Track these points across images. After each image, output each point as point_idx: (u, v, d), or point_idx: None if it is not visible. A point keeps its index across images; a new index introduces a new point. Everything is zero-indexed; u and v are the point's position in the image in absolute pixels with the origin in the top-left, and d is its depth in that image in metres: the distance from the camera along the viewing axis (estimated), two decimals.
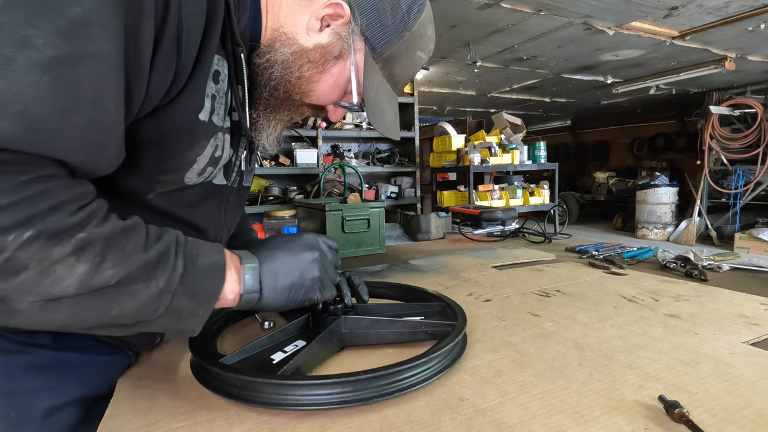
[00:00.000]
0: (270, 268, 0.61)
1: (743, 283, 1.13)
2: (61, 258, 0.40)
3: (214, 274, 0.53)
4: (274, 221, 1.61)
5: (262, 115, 0.67)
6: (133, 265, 0.45)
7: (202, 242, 0.55)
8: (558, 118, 10.39)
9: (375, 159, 4.46)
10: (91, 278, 0.42)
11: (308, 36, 0.63)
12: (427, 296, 0.91)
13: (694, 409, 0.54)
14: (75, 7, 0.39)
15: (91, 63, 0.41)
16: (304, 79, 0.64)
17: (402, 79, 0.71)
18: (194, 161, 0.59)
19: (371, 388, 0.56)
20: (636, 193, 6.94)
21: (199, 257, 0.52)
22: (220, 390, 0.58)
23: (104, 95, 0.42)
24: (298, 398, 0.55)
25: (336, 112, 0.74)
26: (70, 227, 0.41)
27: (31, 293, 0.40)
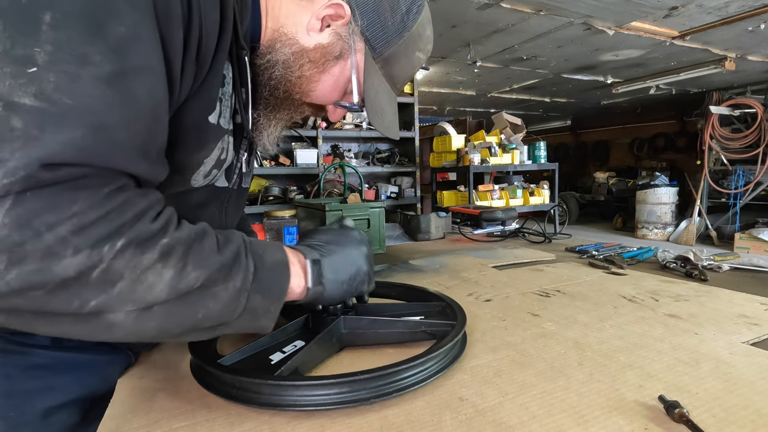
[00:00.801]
0: (331, 262, 0.63)
1: (743, 283, 1.13)
2: (150, 264, 0.42)
3: (280, 271, 0.55)
4: (274, 221, 1.61)
5: (262, 114, 0.67)
6: (213, 266, 0.47)
7: (263, 241, 0.58)
8: (558, 118, 10.38)
9: (375, 159, 4.46)
10: (178, 282, 0.44)
11: (309, 36, 0.63)
12: (427, 296, 0.91)
13: (694, 409, 0.54)
14: (119, 26, 0.40)
15: (142, 76, 0.42)
16: (305, 78, 0.65)
17: (401, 79, 0.72)
18: (201, 163, 0.60)
19: (369, 389, 0.56)
20: (636, 193, 6.93)
21: (265, 255, 0.54)
22: (219, 391, 0.58)
23: (158, 105, 0.45)
24: (296, 399, 0.55)
25: (336, 112, 0.74)
26: (154, 233, 0.43)
27: (129, 302, 0.41)
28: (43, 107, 0.36)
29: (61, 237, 0.37)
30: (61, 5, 0.38)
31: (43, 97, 0.36)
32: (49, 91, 0.37)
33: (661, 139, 9.32)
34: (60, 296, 0.38)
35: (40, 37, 0.37)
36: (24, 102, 0.36)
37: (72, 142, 0.37)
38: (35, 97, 0.36)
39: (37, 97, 0.36)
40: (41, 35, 0.37)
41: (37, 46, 0.37)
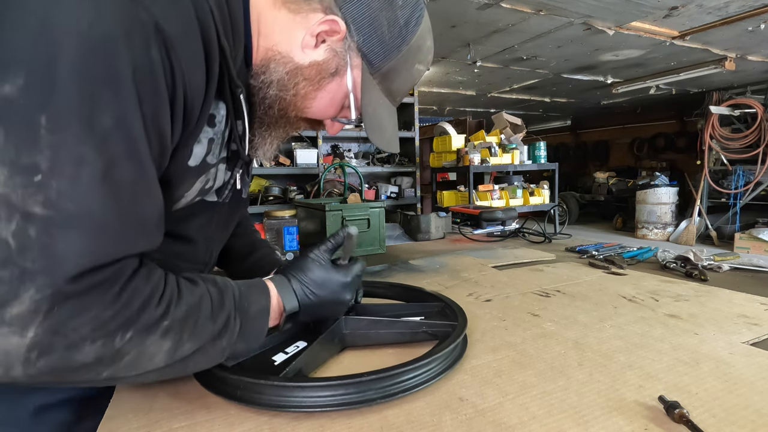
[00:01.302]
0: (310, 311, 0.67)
1: (743, 283, 1.13)
2: (152, 343, 0.47)
3: (261, 319, 0.59)
4: (274, 221, 1.61)
5: (257, 133, 0.67)
6: (206, 337, 0.52)
7: (251, 287, 0.61)
8: (558, 118, 10.38)
9: (375, 159, 4.46)
10: (174, 352, 0.49)
11: (303, 53, 0.62)
12: (426, 296, 0.91)
13: (694, 409, 0.54)
14: (106, 117, 0.42)
15: (132, 161, 0.45)
16: (300, 96, 0.64)
17: (401, 93, 0.70)
18: (182, 197, 0.61)
19: (374, 390, 0.57)
20: (636, 193, 6.93)
21: (250, 307, 0.58)
22: (222, 392, 0.58)
23: (149, 184, 0.48)
24: (301, 400, 0.55)
25: (334, 126, 0.73)
26: (157, 319, 0.47)
27: (133, 369, 0.47)
28: (52, 215, 0.40)
29: (82, 335, 0.42)
30: (54, 105, 0.40)
31: (50, 204, 0.40)
32: (54, 199, 0.40)
33: (661, 139, 9.32)
34: (78, 372, 0.44)
35: (40, 142, 0.39)
36: (35, 211, 0.40)
37: (83, 251, 0.42)
38: (43, 205, 0.40)
39: (45, 206, 0.40)
40: (40, 140, 0.39)
41: (38, 152, 0.39)
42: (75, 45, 0.40)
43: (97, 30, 0.41)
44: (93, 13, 0.41)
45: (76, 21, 0.41)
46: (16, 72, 0.39)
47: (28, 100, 0.39)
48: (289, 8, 0.60)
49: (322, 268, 0.68)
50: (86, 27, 0.41)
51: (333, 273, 0.68)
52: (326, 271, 0.67)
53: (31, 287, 0.40)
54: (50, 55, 0.40)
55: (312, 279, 0.66)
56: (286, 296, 0.64)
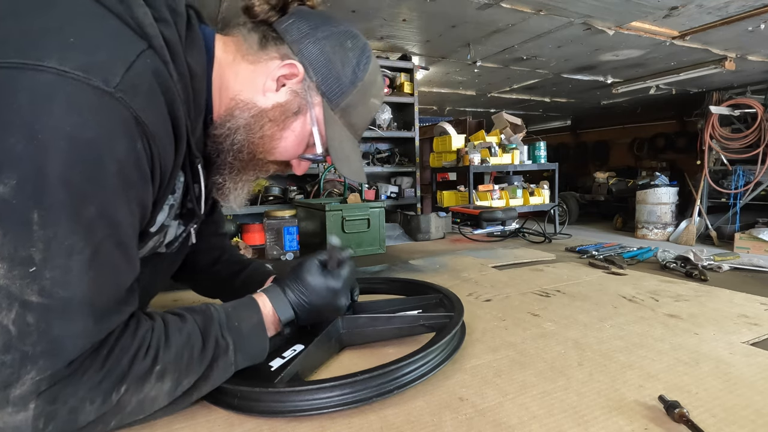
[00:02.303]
0: (307, 317, 0.70)
1: (743, 283, 1.13)
2: (150, 388, 0.51)
3: (258, 334, 0.63)
4: (274, 221, 1.61)
5: (228, 179, 0.70)
6: (201, 368, 0.55)
7: (238, 306, 0.64)
8: (558, 118, 10.37)
9: (375, 159, 4.46)
10: (175, 390, 0.53)
11: (266, 97, 0.66)
12: (423, 288, 0.91)
13: (694, 409, 0.54)
14: (90, 207, 0.46)
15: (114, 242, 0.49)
16: (267, 137, 0.67)
17: (361, 126, 0.74)
18: None
19: (371, 388, 0.56)
20: (636, 193, 6.93)
21: (242, 325, 0.61)
22: (220, 401, 0.58)
23: (129, 256, 0.52)
24: (297, 404, 0.55)
25: (301, 165, 0.76)
26: (148, 368, 0.51)
27: (140, 413, 0.52)
28: (47, 303, 0.44)
29: (80, 398, 0.46)
30: (44, 201, 0.44)
31: (45, 293, 0.44)
32: (49, 288, 0.44)
33: (661, 139, 9.31)
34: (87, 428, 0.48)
35: (33, 236, 0.44)
36: (32, 300, 0.44)
37: (79, 333, 0.46)
38: (39, 294, 0.44)
39: (40, 295, 0.44)
40: (33, 235, 0.44)
41: (32, 245, 0.44)
42: (62, 147, 0.44)
43: (82, 133, 0.46)
44: (78, 117, 0.46)
45: (63, 125, 0.45)
46: (8, 173, 0.43)
47: (21, 198, 0.43)
48: (249, 60, 0.66)
49: (314, 276, 0.70)
50: (72, 130, 0.45)
51: (324, 279, 0.71)
52: (318, 279, 0.70)
53: (32, 370, 0.44)
54: (40, 156, 0.44)
55: (305, 287, 0.69)
56: (280, 307, 0.67)
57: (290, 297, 0.68)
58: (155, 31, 0.54)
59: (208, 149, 0.68)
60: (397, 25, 3.88)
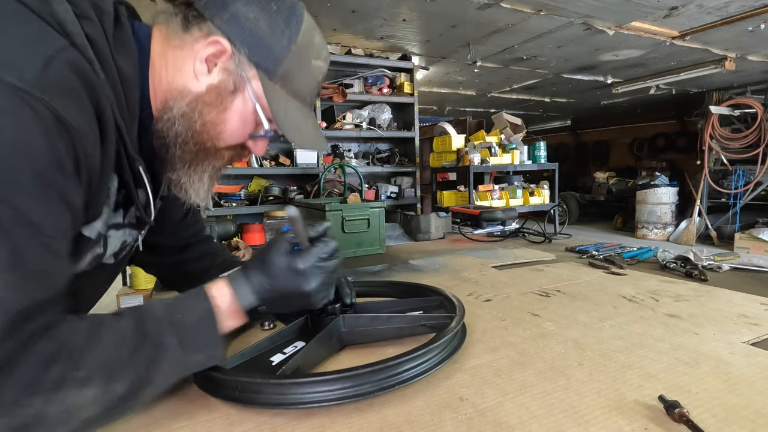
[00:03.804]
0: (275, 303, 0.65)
1: (743, 283, 1.13)
2: (73, 396, 0.47)
3: (206, 324, 0.58)
4: (274, 221, 1.61)
5: (182, 173, 0.67)
6: (136, 370, 0.51)
7: (184, 296, 0.60)
8: (558, 118, 10.37)
9: (375, 159, 4.46)
10: (104, 395, 0.49)
11: (198, 81, 0.63)
12: (424, 291, 0.92)
13: (694, 409, 0.54)
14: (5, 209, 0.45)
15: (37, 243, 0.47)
16: (209, 123, 0.64)
17: (307, 91, 0.70)
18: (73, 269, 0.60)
19: (372, 382, 0.57)
20: (636, 193, 6.93)
21: (185, 317, 0.57)
22: (221, 394, 0.58)
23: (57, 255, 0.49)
24: (298, 397, 0.55)
25: (257, 145, 0.71)
26: (64, 373, 0.46)
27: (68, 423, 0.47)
28: None
29: None
30: None
31: None
32: None
33: (661, 139, 9.32)
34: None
35: None
36: None
37: None
38: None
39: None
40: None
41: None
42: None
43: None
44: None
45: None
46: None
47: None
48: (175, 46, 0.63)
49: (279, 255, 0.65)
50: None
51: (287, 259, 0.64)
52: (281, 258, 0.64)
53: None
54: None
55: (267, 269, 0.64)
56: (240, 293, 0.63)
57: (253, 281, 0.63)
58: (77, 28, 0.51)
59: (156, 146, 0.65)
60: (397, 25, 3.88)
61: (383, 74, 4.33)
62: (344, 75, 4.23)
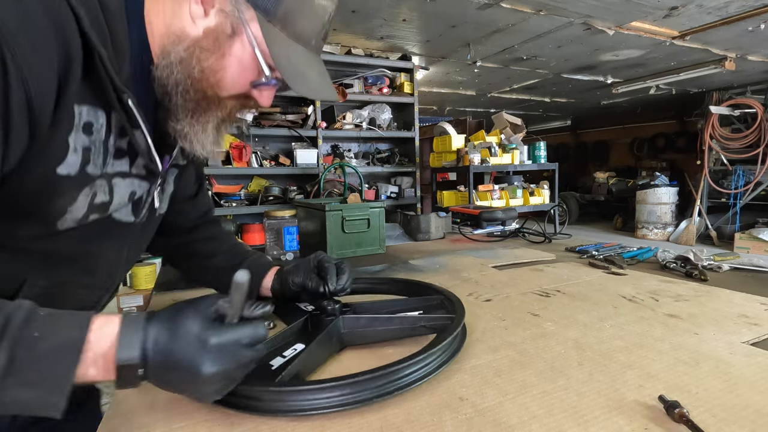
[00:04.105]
0: (158, 370, 0.48)
1: (743, 283, 1.13)
2: None
3: (62, 356, 0.45)
4: (274, 221, 1.61)
5: (185, 123, 0.64)
6: None
7: (62, 315, 0.47)
8: (558, 118, 10.38)
9: (375, 159, 4.46)
10: None
11: (195, 24, 0.60)
12: (424, 290, 0.91)
13: (694, 409, 0.54)
14: None
15: None
16: (208, 69, 0.61)
17: (312, 34, 0.65)
18: (65, 211, 0.57)
19: (371, 389, 0.56)
20: (636, 193, 6.94)
21: (40, 341, 0.44)
22: (221, 400, 0.58)
23: None
24: (297, 404, 0.55)
25: (262, 95, 0.67)
26: None
27: None
28: None
29: None
30: None
31: None
32: None
33: (661, 139, 9.32)
34: None
35: None
36: None
37: None
38: None
39: None
40: None
41: None
42: None
43: None
44: None
45: None
46: None
47: None
48: None
49: (196, 316, 0.50)
50: None
51: (201, 325, 0.50)
52: (195, 322, 0.50)
53: None
54: None
55: (175, 326, 0.49)
56: (125, 341, 0.47)
57: (149, 333, 0.48)
58: None
59: (158, 95, 0.62)
60: (397, 25, 3.89)
61: (383, 74, 4.33)
62: (344, 75, 4.23)
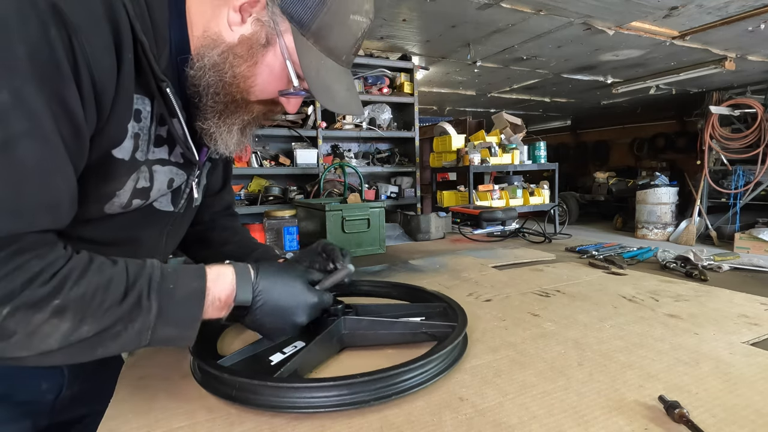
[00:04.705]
0: (260, 313, 0.62)
1: (743, 283, 1.13)
2: (42, 322, 0.46)
3: (192, 301, 0.56)
4: (274, 221, 1.61)
5: (212, 123, 0.66)
6: (109, 319, 0.49)
7: (182, 270, 0.57)
8: (558, 118, 10.38)
9: (375, 159, 4.46)
10: (71, 334, 0.47)
11: (232, 31, 0.62)
12: (428, 296, 0.91)
13: (694, 409, 0.54)
14: (2, 93, 0.43)
15: (29, 140, 0.45)
16: (240, 75, 0.63)
17: (343, 50, 0.66)
18: (114, 195, 0.60)
19: (369, 391, 0.56)
20: (636, 193, 6.93)
21: (176, 290, 0.55)
22: (219, 391, 0.58)
23: (45, 163, 0.47)
24: (295, 401, 0.55)
25: (289, 103, 0.70)
26: (44, 296, 0.46)
27: (24, 350, 0.46)
28: None
29: None
30: None
31: None
32: None
33: (661, 139, 9.32)
34: None
35: None
36: None
37: None
38: None
39: None
40: None
41: None
42: None
43: None
44: None
45: None
46: None
47: None
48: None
49: (298, 278, 0.66)
50: None
51: (305, 287, 0.66)
52: (299, 283, 0.65)
53: None
54: None
55: (282, 280, 0.64)
56: (242, 285, 0.60)
57: (259, 282, 0.62)
58: None
59: (189, 93, 0.64)
60: (397, 25, 3.89)
61: (383, 74, 4.33)
62: None
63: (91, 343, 0.49)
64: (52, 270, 0.47)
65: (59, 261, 0.48)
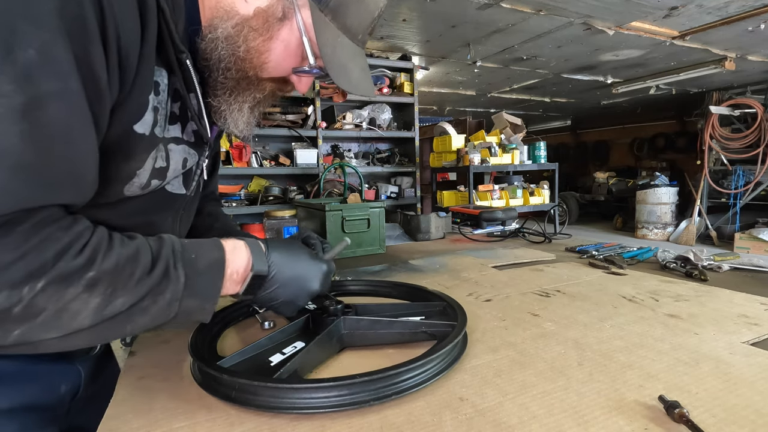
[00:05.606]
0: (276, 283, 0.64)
1: (743, 283, 1.13)
2: (74, 296, 0.43)
3: (214, 272, 0.56)
4: (274, 221, 1.61)
5: (222, 100, 0.63)
6: (142, 290, 0.48)
7: (199, 242, 0.57)
8: (558, 118, 10.38)
9: (375, 159, 4.46)
10: (104, 309, 0.45)
11: (247, 3, 0.59)
12: (427, 295, 0.91)
13: (694, 409, 0.54)
14: (29, 50, 0.39)
15: (59, 100, 0.42)
16: (253, 50, 0.60)
17: (360, 28, 0.65)
18: (134, 174, 0.58)
19: (368, 391, 0.56)
20: (636, 193, 6.94)
21: (198, 260, 0.54)
22: (218, 392, 0.58)
23: (73, 129, 0.44)
24: (294, 401, 0.55)
25: (301, 81, 0.67)
26: (78, 269, 0.43)
27: (53, 330, 0.43)
28: None
29: None
30: None
31: None
32: None
33: (661, 139, 9.32)
34: None
35: None
36: None
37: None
38: None
39: None
40: None
41: None
42: None
43: None
44: None
45: None
46: None
47: None
48: None
49: (304, 249, 0.69)
50: None
51: (313, 257, 0.69)
52: (306, 253, 0.68)
53: None
54: None
55: (290, 251, 0.66)
56: (257, 256, 0.61)
57: (271, 254, 0.63)
58: None
59: (200, 67, 0.61)
60: (397, 25, 3.89)
61: (383, 74, 4.33)
62: None
63: (121, 319, 0.47)
64: (82, 241, 0.44)
65: (86, 232, 0.45)
